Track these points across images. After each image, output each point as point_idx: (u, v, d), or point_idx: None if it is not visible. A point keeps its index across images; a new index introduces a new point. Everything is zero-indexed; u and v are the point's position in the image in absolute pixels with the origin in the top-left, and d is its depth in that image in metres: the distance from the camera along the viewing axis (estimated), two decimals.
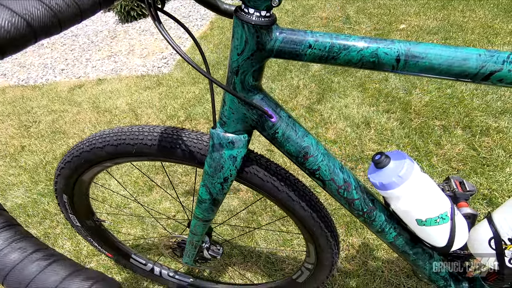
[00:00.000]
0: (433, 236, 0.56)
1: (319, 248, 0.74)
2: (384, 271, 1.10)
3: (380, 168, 0.53)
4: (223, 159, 0.52)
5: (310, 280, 0.88)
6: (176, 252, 0.86)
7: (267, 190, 0.61)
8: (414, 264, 0.66)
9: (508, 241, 0.53)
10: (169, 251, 0.87)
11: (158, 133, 0.59)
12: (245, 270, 1.20)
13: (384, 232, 0.60)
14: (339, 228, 1.26)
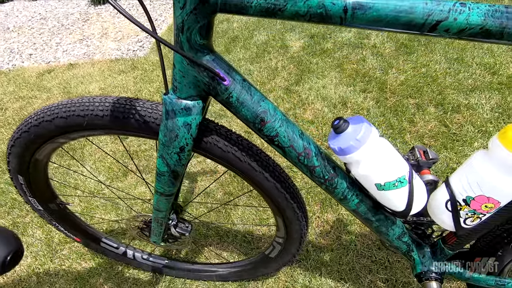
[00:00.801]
0: (392, 200, 0.57)
1: (287, 220, 0.74)
2: (357, 244, 1.12)
3: (339, 133, 0.52)
4: (177, 127, 0.50)
5: (282, 254, 0.88)
6: (145, 232, 0.84)
7: (229, 161, 0.60)
8: (377, 231, 0.67)
9: (463, 202, 0.54)
10: (137, 231, 0.85)
11: (110, 103, 0.55)
12: (222, 250, 1.20)
13: (346, 200, 0.60)
14: (315, 206, 1.27)
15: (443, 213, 0.58)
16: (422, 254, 0.71)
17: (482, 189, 0.51)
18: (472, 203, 0.53)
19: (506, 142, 0.47)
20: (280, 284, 1.07)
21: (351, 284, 1.03)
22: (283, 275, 1.09)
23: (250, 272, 1.02)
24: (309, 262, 1.10)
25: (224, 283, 1.09)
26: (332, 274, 1.07)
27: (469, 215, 0.55)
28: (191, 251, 1.21)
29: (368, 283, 1.03)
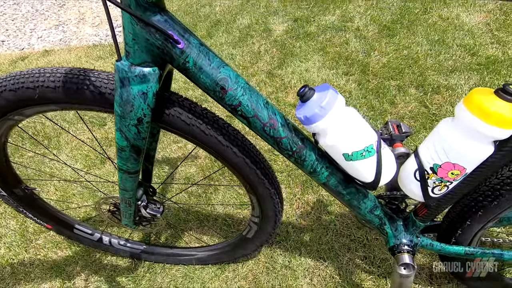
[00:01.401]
0: (360, 171, 0.56)
1: (261, 198, 0.72)
2: (337, 224, 1.13)
3: (305, 101, 0.50)
4: (131, 96, 0.47)
5: (259, 234, 0.88)
6: (116, 215, 0.82)
7: (194, 135, 0.57)
8: (349, 205, 0.66)
9: (430, 170, 0.54)
10: (108, 215, 0.82)
11: (62, 73, 0.52)
12: (202, 234, 1.19)
13: (316, 173, 0.59)
14: (295, 188, 1.26)
15: (412, 183, 0.58)
16: (395, 228, 0.71)
17: (448, 156, 0.50)
18: (439, 171, 0.53)
19: (470, 106, 0.46)
20: (260, 265, 1.07)
21: (330, 263, 1.04)
22: (263, 256, 1.08)
23: (229, 254, 1.01)
24: (289, 242, 1.10)
25: (204, 267, 1.08)
26: (311, 253, 1.07)
27: (437, 183, 0.54)
28: (170, 236, 1.19)
29: (346, 261, 1.03)
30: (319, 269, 1.03)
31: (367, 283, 0.97)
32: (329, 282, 1.00)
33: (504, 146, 0.49)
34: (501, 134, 0.45)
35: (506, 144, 0.49)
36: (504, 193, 0.55)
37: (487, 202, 0.58)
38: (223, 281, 1.05)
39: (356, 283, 0.98)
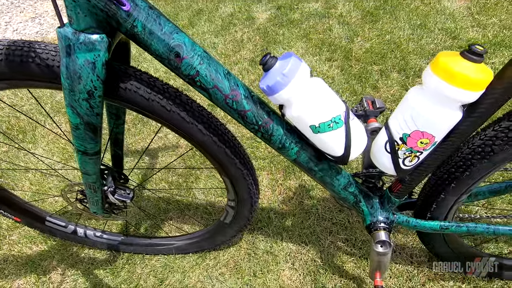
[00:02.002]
0: (329, 144, 0.54)
1: (234, 179, 0.70)
2: (319, 208, 1.12)
3: (267, 70, 0.48)
4: (78, 66, 0.43)
5: (236, 219, 0.86)
6: (85, 204, 0.78)
7: (155, 111, 0.54)
8: (322, 182, 0.64)
9: (400, 141, 0.52)
10: (77, 204, 0.78)
11: (5, 45, 0.48)
12: (183, 223, 1.16)
13: (285, 148, 0.57)
14: (277, 174, 1.25)
15: (384, 156, 0.56)
16: (371, 205, 0.70)
17: (416, 124, 0.49)
18: (408, 141, 0.51)
19: (436, 69, 0.44)
20: (242, 252, 1.05)
21: (312, 246, 1.03)
22: (245, 243, 1.07)
23: (209, 242, 0.99)
24: (270, 228, 1.09)
25: (184, 256, 1.06)
26: (293, 238, 1.06)
27: (407, 154, 0.53)
28: (150, 227, 1.16)
29: (328, 244, 1.03)
30: (301, 253, 1.02)
31: (348, 265, 0.97)
32: (310, 265, 0.98)
33: (473, 112, 0.48)
34: (467, 97, 0.43)
35: (474, 110, 0.47)
36: (475, 162, 0.54)
37: (459, 173, 0.57)
38: (204, 269, 1.03)
39: (338, 265, 0.97)
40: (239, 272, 1.00)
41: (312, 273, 0.97)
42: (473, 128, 0.49)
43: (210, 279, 1.00)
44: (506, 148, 0.50)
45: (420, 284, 0.90)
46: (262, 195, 1.19)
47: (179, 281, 1.01)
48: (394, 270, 0.94)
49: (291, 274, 0.98)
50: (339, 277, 0.95)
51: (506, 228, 0.63)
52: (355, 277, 0.94)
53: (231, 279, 0.99)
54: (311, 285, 0.95)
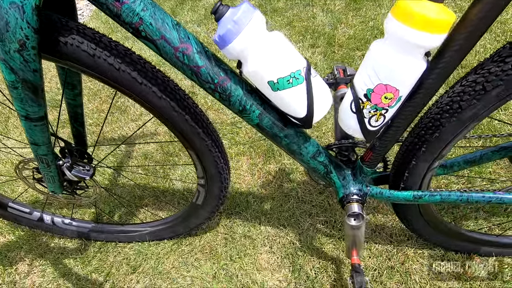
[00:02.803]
0: (290, 103, 0.51)
1: (199, 152, 0.66)
2: (298, 191, 1.09)
3: (219, 19, 0.44)
4: (3, 9, 0.39)
5: (208, 198, 0.82)
6: (43, 183, 0.73)
7: (102, 70, 0.50)
8: (289, 150, 0.61)
9: (364, 98, 0.49)
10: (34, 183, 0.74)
11: None
12: (158, 210, 1.12)
13: (246, 111, 0.54)
14: (257, 158, 1.21)
15: (350, 117, 0.53)
16: (342, 176, 0.67)
17: (379, 76, 0.46)
18: (372, 97, 0.48)
19: (396, 12, 0.41)
20: (219, 237, 1.01)
21: (291, 229, 1.00)
22: (222, 228, 1.03)
23: (183, 226, 0.95)
24: (249, 212, 1.05)
25: (159, 243, 1.01)
26: (272, 221, 1.02)
27: (372, 112, 0.50)
28: (125, 214, 1.12)
29: (307, 226, 1.00)
30: (279, 237, 0.99)
31: (327, 246, 0.94)
32: (289, 248, 0.95)
33: (437, 63, 0.45)
34: (429, 41, 0.41)
35: (439, 61, 0.45)
36: (444, 121, 0.52)
37: (428, 135, 0.55)
38: (179, 255, 0.99)
39: (317, 247, 0.94)
40: (215, 257, 0.97)
41: (290, 255, 0.94)
42: (439, 82, 0.47)
43: (185, 265, 0.96)
44: (474, 103, 0.48)
45: (399, 263, 0.88)
46: (241, 180, 1.16)
47: (152, 268, 0.96)
48: (373, 250, 0.91)
49: (268, 258, 0.95)
50: (317, 259, 0.92)
51: (479, 195, 0.61)
52: (334, 258, 0.91)
53: (206, 264, 0.96)
54: (289, 268, 0.91)
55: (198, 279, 0.93)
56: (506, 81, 0.44)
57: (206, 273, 0.94)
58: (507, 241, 0.82)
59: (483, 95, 0.47)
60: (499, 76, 0.45)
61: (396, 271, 0.86)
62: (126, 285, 0.94)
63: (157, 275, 0.95)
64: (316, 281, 0.87)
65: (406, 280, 0.84)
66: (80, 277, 0.96)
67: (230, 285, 0.90)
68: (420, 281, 0.83)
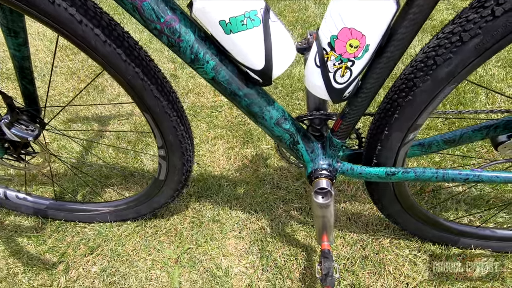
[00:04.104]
0: (246, 50, 0.45)
1: (155, 114, 0.61)
2: (274, 176, 1.03)
3: None
4: None
5: (170, 173, 0.76)
6: None
7: (37, 5, 0.44)
8: (251, 113, 0.55)
9: (328, 47, 0.44)
10: None
11: None
12: (126, 190, 1.05)
13: (199, 61, 0.48)
14: (234, 142, 1.15)
15: (314, 73, 0.48)
16: (311, 149, 0.62)
17: (343, 19, 0.41)
18: (336, 45, 0.43)
19: None
20: (187, 221, 0.95)
21: (263, 215, 0.94)
22: (191, 211, 0.97)
23: (147, 205, 0.88)
24: (220, 196, 0.99)
25: (121, 224, 0.95)
26: (243, 206, 0.96)
27: (337, 65, 0.45)
28: (89, 193, 1.04)
29: (280, 213, 0.94)
30: (250, 222, 0.93)
31: (300, 234, 0.88)
32: (259, 234, 0.89)
33: (409, 8, 0.40)
34: None
35: (411, 3, 0.40)
36: (418, 81, 0.46)
37: (401, 98, 0.49)
38: (142, 237, 0.92)
39: (288, 234, 0.88)
40: (180, 241, 0.90)
41: (259, 241, 0.88)
42: (412, 31, 0.42)
43: (147, 248, 0.89)
44: (449, 58, 0.43)
45: (373, 252, 0.82)
46: (216, 163, 1.10)
47: (112, 250, 0.89)
48: (347, 239, 0.85)
49: (236, 243, 0.89)
50: (288, 246, 0.86)
51: (455, 172, 0.56)
52: (305, 246, 0.85)
53: (170, 248, 0.89)
54: (257, 254, 0.85)
55: (160, 263, 0.86)
56: (485, 29, 0.39)
57: (168, 257, 0.87)
58: (487, 233, 0.77)
59: (460, 47, 0.42)
60: (478, 24, 0.40)
61: (370, 261, 0.80)
62: (82, 266, 0.87)
63: (116, 257, 0.88)
64: (284, 268, 0.81)
65: (380, 271, 0.78)
66: (32, 256, 0.89)
67: (192, 270, 0.84)
68: (394, 272, 0.78)
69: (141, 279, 0.83)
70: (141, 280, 0.83)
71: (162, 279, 0.83)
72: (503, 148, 0.65)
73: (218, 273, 0.82)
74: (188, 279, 0.82)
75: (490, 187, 0.92)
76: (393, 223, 0.78)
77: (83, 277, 0.85)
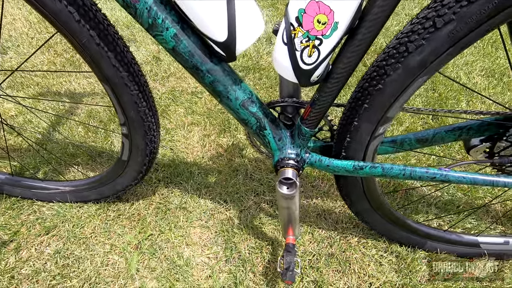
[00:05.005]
0: (206, 16, 0.41)
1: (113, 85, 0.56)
2: (248, 167, 1.00)
3: None
4: None
5: (133, 153, 0.72)
6: None
7: None
8: (214, 92, 0.52)
9: (296, 22, 0.41)
10: None
11: None
12: (91, 170, 1.00)
13: (157, 27, 0.44)
14: (211, 129, 1.12)
15: (281, 52, 0.45)
16: (279, 137, 0.59)
17: None
18: (304, 20, 0.40)
19: None
20: (152, 206, 0.91)
21: (232, 206, 0.90)
22: (158, 197, 0.93)
23: (110, 187, 0.84)
24: (190, 183, 0.95)
25: (82, 205, 0.90)
26: (213, 195, 0.93)
27: (304, 42, 0.42)
28: (52, 171, 0.99)
29: (251, 204, 0.91)
30: (218, 212, 0.89)
31: (268, 227, 0.85)
32: (226, 225, 0.86)
33: None
34: None
35: None
36: (389, 69, 0.44)
37: (372, 87, 0.47)
38: (103, 220, 0.87)
39: (256, 226, 0.86)
40: (143, 227, 0.86)
41: (225, 232, 0.84)
42: (385, 12, 0.39)
43: (108, 231, 0.85)
44: (422, 44, 0.40)
45: (340, 250, 0.80)
46: (190, 150, 1.06)
47: (69, 232, 0.85)
48: (316, 235, 0.83)
49: (202, 232, 0.85)
50: (254, 239, 0.83)
51: (423, 171, 0.54)
52: (272, 240, 0.83)
53: (131, 233, 0.85)
54: (222, 245, 0.82)
55: (118, 248, 0.82)
56: (459, 15, 0.37)
57: (128, 242, 0.83)
58: (453, 237, 0.76)
59: (433, 34, 0.39)
60: (452, 9, 0.37)
61: (336, 258, 0.78)
62: (34, 247, 0.82)
63: (73, 240, 0.83)
64: (248, 260, 0.78)
65: (344, 269, 0.77)
66: None
67: (152, 258, 0.80)
68: (359, 271, 0.76)
69: (96, 263, 0.79)
70: (97, 264, 0.79)
71: (119, 265, 0.79)
72: (475, 152, 0.64)
73: (179, 262, 0.79)
74: (147, 266, 0.79)
75: (461, 192, 0.91)
76: (362, 221, 0.76)
77: (35, 258, 0.80)
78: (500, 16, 0.37)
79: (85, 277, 0.76)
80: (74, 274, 0.77)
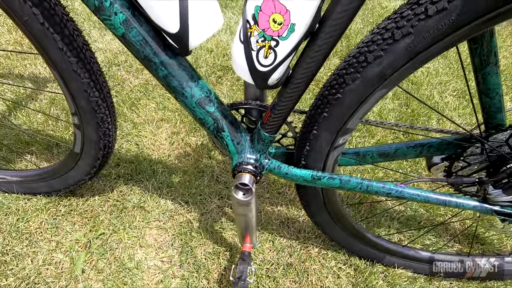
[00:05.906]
0: (156, 5, 0.38)
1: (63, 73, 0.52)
2: (215, 169, 0.97)
3: None
4: None
5: (86, 146, 0.67)
6: None
7: None
8: (169, 86, 0.49)
9: (252, 20, 0.38)
10: None
11: None
12: (45, 161, 0.93)
13: (105, 11, 0.41)
14: (181, 127, 1.08)
15: (238, 50, 0.42)
16: (237, 140, 0.56)
17: None
18: (260, 18, 0.38)
19: None
20: (108, 203, 0.85)
21: (194, 208, 0.87)
22: (116, 195, 0.87)
23: (61, 180, 0.78)
24: (151, 182, 0.91)
25: (30, 198, 0.83)
26: (174, 196, 0.89)
27: (260, 42, 0.39)
28: (3, 160, 0.92)
29: (213, 207, 0.87)
30: (178, 214, 0.85)
31: (228, 232, 0.82)
32: (184, 227, 0.82)
33: None
34: None
35: None
36: (348, 78, 0.43)
37: (331, 95, 0.45)
38: (51, 215, 0.81)
39: (216, 231, 0.82)
40: (94, 224, 0.81)
41: (183, 235, 0.81)
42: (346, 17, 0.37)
43: (55, 227, 0.79)
44: (380, 56, 0.39)
45: (300, 261, 0.78)
46: (156, 147, 1.01)
47: (11, 225, 0.78)
48: (276, 244, 0.81)
49: (158, 234, 0.81)
50: (213, 244, 0.80)
51: (379, 185, 0.53)
52: (231, 246, 0.80)
53: (81, 230, 0.79)
54: (178, 249, 0.78)
55: (65, 246, 0.76)
56: (416, 29, 0.36)
57: (76, 241, 0.77)
58: (411, 253, 0.76)
59: (391, 46, 0.38)
60: (410, 22, 0.36)
61: (294, 269, 0.76)
62: None
63: (15, 235, 0.77)
64: (202, 266, 0.75)
65: (301, 280, 0.75)
66: None
67: (101, 258, 0.75)
68: (316, 283, 0.75)
69: (38, 261, 0.73)
70: (38, 262, 0.73)
71: (63, 264, 0.73)
72: (435, 170, 0.64)
73: (129, 264, 0.74)
74: (94, 267, 0.73)
75: (424, 208, 0.92)
76: (322, 232, 0.75)
77: None
78: (457, 34, 0.36)
79: (23, 276, 0.70)
80: (11, 272, 0.71)
